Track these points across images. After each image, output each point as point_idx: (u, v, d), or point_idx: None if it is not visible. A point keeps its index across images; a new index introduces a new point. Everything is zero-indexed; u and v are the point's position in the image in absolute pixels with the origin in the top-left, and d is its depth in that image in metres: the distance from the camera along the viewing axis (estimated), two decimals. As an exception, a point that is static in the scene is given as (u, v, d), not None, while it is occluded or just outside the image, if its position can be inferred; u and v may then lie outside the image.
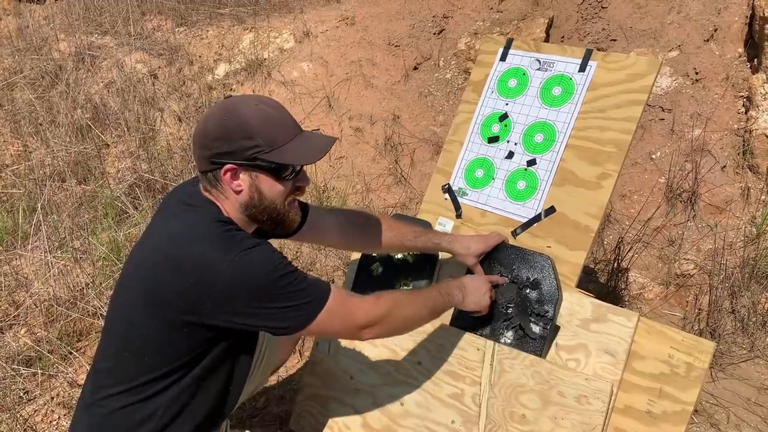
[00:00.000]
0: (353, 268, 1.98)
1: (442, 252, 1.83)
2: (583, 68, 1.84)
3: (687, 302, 2.63)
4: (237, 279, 1.25)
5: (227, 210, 1.37)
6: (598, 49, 2.18)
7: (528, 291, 1.71)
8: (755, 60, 3.20)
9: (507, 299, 1.73)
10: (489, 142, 1.95)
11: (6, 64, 4.31)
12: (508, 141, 1.92)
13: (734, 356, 2.38)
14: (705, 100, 3.20)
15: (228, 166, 1.31)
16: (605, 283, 2.69)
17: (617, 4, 3.71)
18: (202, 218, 1.34)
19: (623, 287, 2.68)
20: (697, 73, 3.29)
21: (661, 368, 1.56)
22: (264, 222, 1.41)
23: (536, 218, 1.80)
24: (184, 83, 4.13)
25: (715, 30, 3.38)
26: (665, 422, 1.53)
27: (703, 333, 2.41)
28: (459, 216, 1.93)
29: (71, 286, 2.60)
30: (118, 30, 4.58)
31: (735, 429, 2.12)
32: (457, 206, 1.94)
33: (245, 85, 4.01)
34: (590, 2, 3.80)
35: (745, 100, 3.13)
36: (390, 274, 1.92)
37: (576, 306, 1.67)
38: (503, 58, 2.00)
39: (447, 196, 1.97)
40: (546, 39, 3.70)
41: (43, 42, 4.56)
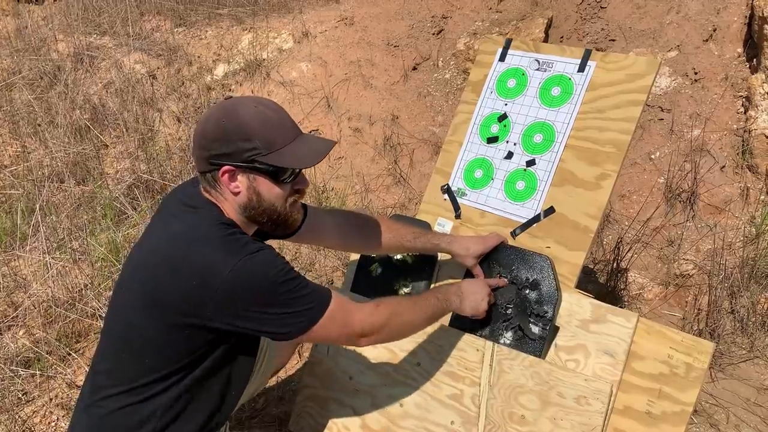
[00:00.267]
0: (352, 269, 1.98)
1: (441, 253, 1.82)
2: (582, 68, 1.84)
3: (686, 302, 2.63)
4: (240, 283, 1.25)
5: (228, 211, 1.36)
6: (597, 50, 2.18)
7: (527, 291, 1.71)
8: (754, 60, 3.20)
9: (506, 300, 1.73)
10: (488, 143, 1.95)
11: (5, 65, 4.30)
12: (507, 141, 1.92)
13: (734, 356, 2.38)
14: (704, 100, 3.20)
15: (226, 168, 1.31)
16: (604, 284, 2.69)
17: (616, 5, 3.70)
18: (204, 220, 1.33)
19: (622, 287, 2.68)
20: (696, 73, 3.29)
21: (661, 369, 1.56)
22: (264, 223, 1.40)
23: (535, 219, 1.80)
24: (183, 84, 4.13)
25: (714, 30, 3.38)
26: (665, 423, 1.53)
27: (703, 333, 2.41)
28: (458, 216, 1.93)
29: (70, 287, 2.59)
30: (117, 30, 4.57)
31: (734, 429, 2.12)
32: (456, 207, 1.94)
33: (244, 86, 4.00)
34: (589, 2, 3.80)
35: (745, 100, 3.13)
36: (389, 275, 1.92)
37: (575, 306, 1.67)
38: (502, 59, 2.00)
39: (446, 197, 1.97)
40: (545, 39, 3.70)
41: (42, 42, 4.55)
